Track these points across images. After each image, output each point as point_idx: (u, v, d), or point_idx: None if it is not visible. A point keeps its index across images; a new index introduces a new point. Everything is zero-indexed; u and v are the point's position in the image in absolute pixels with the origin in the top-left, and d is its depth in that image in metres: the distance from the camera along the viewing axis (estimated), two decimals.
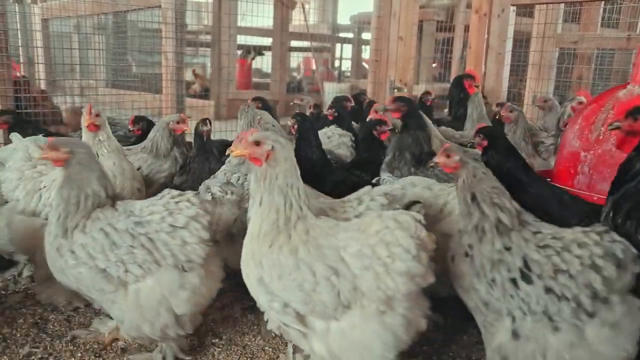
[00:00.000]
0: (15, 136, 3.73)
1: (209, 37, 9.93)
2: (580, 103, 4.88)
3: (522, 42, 7.29)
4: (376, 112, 4.54)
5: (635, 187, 2.50)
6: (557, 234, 2.39)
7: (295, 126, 3.83)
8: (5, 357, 2.84)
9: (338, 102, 5.74)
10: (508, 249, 2.37)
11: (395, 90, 7.63)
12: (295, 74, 15.26)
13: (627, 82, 3.70)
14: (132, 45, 9.93)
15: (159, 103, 6.91)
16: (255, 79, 12.82)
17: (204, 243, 2.64)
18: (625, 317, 2.23)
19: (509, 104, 4.84)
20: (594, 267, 2.22)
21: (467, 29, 8.12)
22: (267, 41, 11.51)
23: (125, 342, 2.98)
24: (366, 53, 13.60)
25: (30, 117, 5.10)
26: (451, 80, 9.31)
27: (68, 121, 6.30)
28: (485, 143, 3.23)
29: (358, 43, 14.29)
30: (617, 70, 8.03)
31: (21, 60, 8.63)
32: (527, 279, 2.30)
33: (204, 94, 9.18)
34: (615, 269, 2.21)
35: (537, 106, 5.65)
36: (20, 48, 8.66)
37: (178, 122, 4.29)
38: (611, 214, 2.53)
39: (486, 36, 6.67)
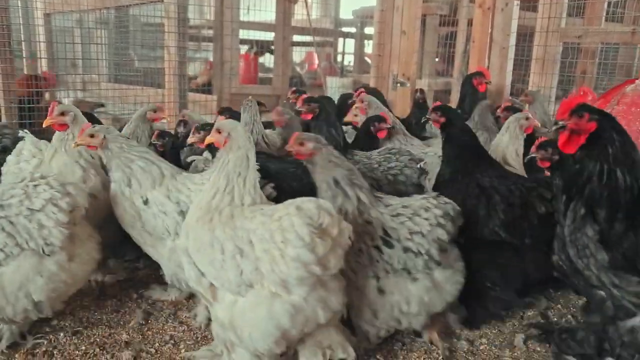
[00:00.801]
0: None
1: (211, 32, 9.91)
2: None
3: (525, 36, 7.25)
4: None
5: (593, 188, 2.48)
6: (405, 203, 2.87)
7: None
8: (10, 350, 2.85)
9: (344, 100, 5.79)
10: (369, 222, 2.72)
11: (398, 84, 7.62)
12: (298, 68, 15.22)
13: (636, 77, 3.72)
14: (134, 40, 9.91)
15: (162, 98, 6.91)
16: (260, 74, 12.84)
17: (62, 226, 2.71)
18: (455, 259, 2.90)
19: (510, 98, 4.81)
20: (440, 225, 2.76)
21: (470, 23, 8.10)
22: (269, 36, 11.48)
23: None
24: (369, 47, 13.55)
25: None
26: (453, 75, 9.33)
27: None
28: (442, 120, 3.46)
29: (361, 37, 14.24)
30: (621, 64, 7.98)
31: (24, 55, 8.65)
32: (388, 244, 2.72)
33: (207, 88, 9.16)
34: (451, 224, 2.80)
35: (522, 100, 5.61)
36: (22, 43, 8.68)
37: (155, 112, 4.30)
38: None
39: (490, 30, 6.65)
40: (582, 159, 2.52)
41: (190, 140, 3.65)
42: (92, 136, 3.12)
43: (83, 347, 2.91)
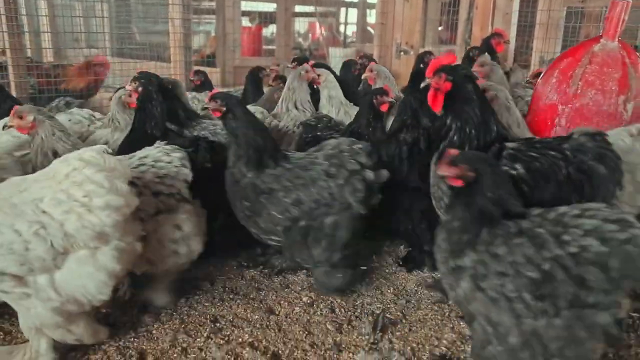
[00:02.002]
0: None
1: (213, 4, 9.86)
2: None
3: (529, 1, 7.23)
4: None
5: (449, 145, 2.75)
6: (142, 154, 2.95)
7: (139, 89, 3.70)
8: None
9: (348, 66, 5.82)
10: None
11: (402, 53, 7.62)
12: (301, 39, 15.13)
13: (600, 35, 3.78)
14: (136, 13, 9.87)
15: (168, 71, 6.93)
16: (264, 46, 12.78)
17: None
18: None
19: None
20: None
21: None
22: (271, 7, 11.41)
23: None
24: (371, 17, 13.44)
25: None
26: (456, 42, 9.29)
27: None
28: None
29: (363, 7, 14.11)
30: (626, 28, 7.93)
31: (26, 30, 8.62)
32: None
33: (211, 60, 9.16)
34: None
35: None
36: (24, 17, 8.64)
37: (130, 96, 4.10)
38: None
39: None
40: (442, 115, 2.82)
41: None
42: (20, 118, 3.10)
43: None
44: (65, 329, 2.47)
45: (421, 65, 4.71)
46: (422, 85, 2.87)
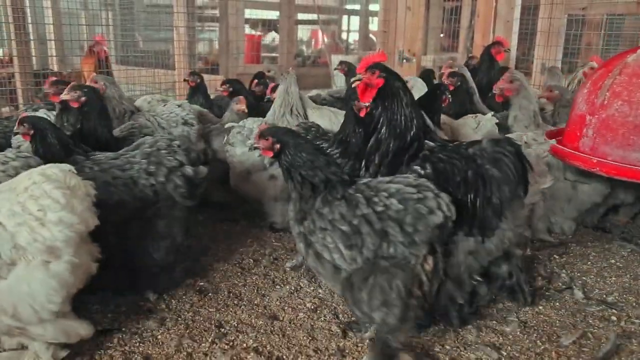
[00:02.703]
0: None
1: (216, 12, 9.93)
2: (592, 68, 4.93)
3: (530, 9, 7.28)
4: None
5: (378, 138, 2.94)
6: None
7: (82, 98, 3.71)
8: None
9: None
10: None
11: (404, 61, 7.68)
12: (303, 47, 15.22)
13: (637, 46, 3.72)
14: (140, 21, 9.96)
15: (172, 78, 6.99)
16: (263, 54, 12.85)
17: None
18: None
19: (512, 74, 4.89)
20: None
21: None
22: (274, 14, 11.50)
23: None
24: (373, 25, 13.52)
25: None
26: (458, 50, 9.35)
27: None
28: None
29: (366, 14, 14.20)
30: (626, 35, 7.99)
31: (31, 37, 8.71)
32: None
33: (214, 68, 9.23)
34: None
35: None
36: (30, 25, 8.72)
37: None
38: (364, 165, 3.01)
39: (494, 4, 6.68)
40: (373, 109, 2.99)
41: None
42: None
43: None
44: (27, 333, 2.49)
45: None
46: (352, 80, 3.01)
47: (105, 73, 6.33)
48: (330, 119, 4.75)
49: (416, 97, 3.84)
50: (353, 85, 3.02)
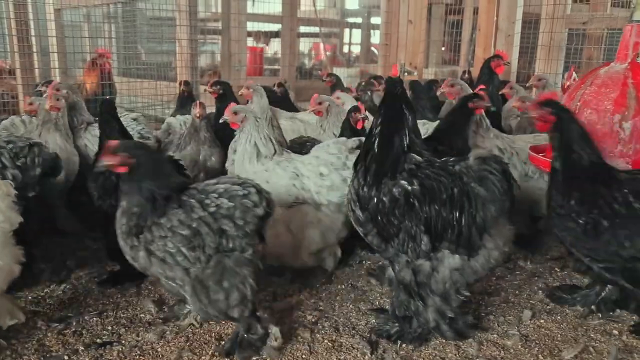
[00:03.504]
0: None
1: (217, 24, 10.00)
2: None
3: (531, 23, 7.32)
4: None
5: (366, 148, 2.90)
6: None
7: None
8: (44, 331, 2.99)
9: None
10: None
11: (406, 74, 7.71)
12: (305, 60, 15.30)
13: (611, 60, 3.84)
14: (142, 34, 10.02)
15: (174, 90, 7.02)
16: (265, 66, 12.93)
17: None
18: None
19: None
20: None
21: (476, 11, 8.17)
22: (276, 27, 11.57)
23: None
24: (375, 37, 13.61)
25: None
26: (460, 63, 9.41)
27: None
28: None
29: (367, 27, 14.29)
30: None
31: (34, 50, 8.77)
32: None
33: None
34: None
35: (532, 85, 5.75)
36: (33, 38, 8.79)
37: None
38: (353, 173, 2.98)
39: (495, 18, 6.72)
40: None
41: None
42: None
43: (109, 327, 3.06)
44: None
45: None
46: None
47: (108, 85, 6.39)
48: (300, 130, 5.05)
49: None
50: None
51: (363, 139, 3.15)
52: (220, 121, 3.88)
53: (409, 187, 2.75)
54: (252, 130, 3.68)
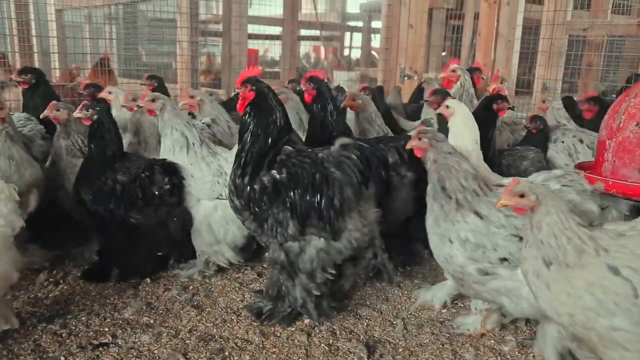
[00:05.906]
0: None
1: (218, 26, 10.00)
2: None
3: (531, 29, 7.33)
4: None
5: (243, 143, 3.06)
6: None
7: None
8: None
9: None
10: None
11: (406, 78, 7.72)
12: (304, 61, 15.32)
13: None
14: (142, 35, 10.03)
15: (174, 92, 7.02)
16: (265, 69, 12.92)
17: None
18: None
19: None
20: None
21: (476, 16, 8.18)
22: (277, 30, 11.58)
23: None
24: (376, 41, 13.62)
25: None
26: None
27: None
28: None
29: (368, 31, 14.31)
30: (627, 57, 8.04)
31: (35, 50, 8.79)
32: None
33: (216, 82, 9.28)
34: None
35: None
36: (34, 38, 8.81)
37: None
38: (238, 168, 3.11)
39: (496, 24, 6.73)
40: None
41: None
42: None
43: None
44: None
45: None
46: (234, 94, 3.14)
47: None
48: None
49: (290, 113, 3.83)
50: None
51: None
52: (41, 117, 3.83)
53: (278, 176, 2.97)
54: (174, 117, 3.62)
